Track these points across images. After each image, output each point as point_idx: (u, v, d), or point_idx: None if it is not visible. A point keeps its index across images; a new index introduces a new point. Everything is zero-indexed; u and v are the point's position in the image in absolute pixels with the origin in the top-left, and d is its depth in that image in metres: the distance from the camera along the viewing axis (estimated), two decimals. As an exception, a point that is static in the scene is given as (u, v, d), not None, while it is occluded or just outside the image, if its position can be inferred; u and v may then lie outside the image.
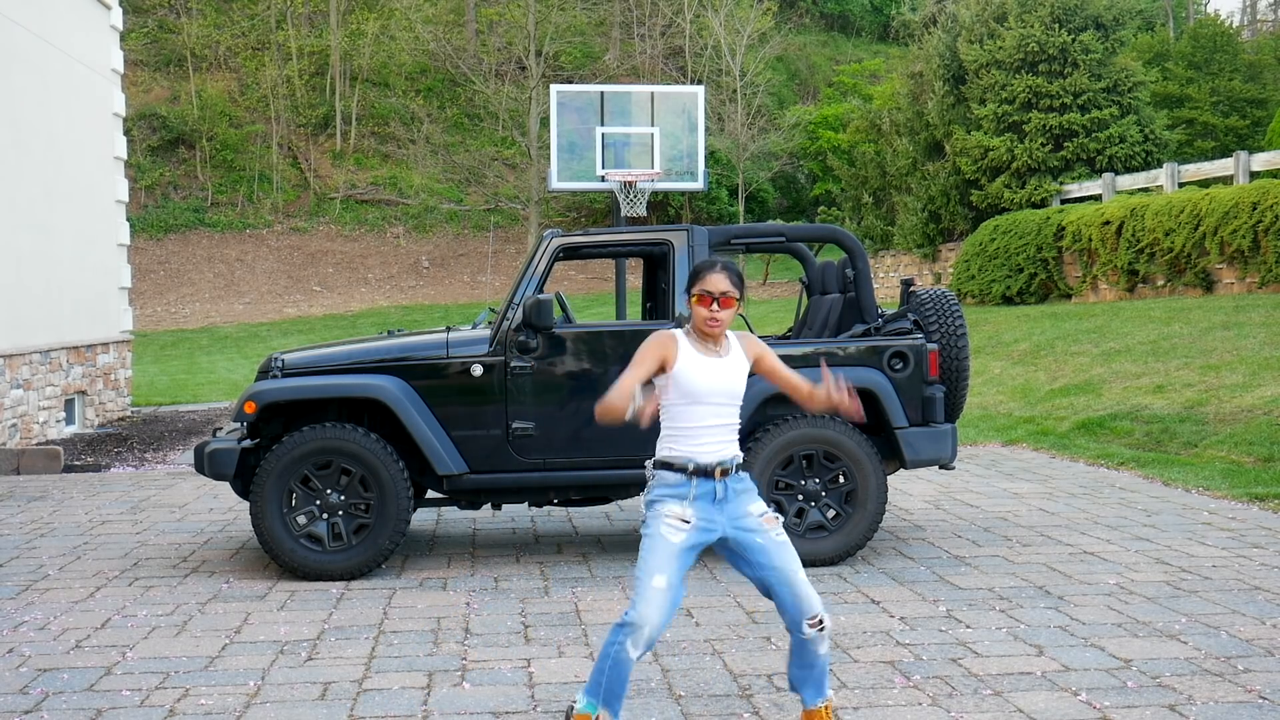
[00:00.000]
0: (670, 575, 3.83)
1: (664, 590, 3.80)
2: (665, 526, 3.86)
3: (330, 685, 4.81)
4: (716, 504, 3.91)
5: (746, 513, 3.94)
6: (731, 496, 3.93)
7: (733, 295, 3.88)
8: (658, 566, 3.82)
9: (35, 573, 6.87)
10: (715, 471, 3.89)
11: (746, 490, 3.98)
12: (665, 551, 3.84)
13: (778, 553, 3.93)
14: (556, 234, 6.98)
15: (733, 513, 3.93)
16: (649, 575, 3.81)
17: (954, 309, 7.16)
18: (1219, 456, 10.10)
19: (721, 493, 3.91)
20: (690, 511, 3.88)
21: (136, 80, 40.25)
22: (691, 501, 3.89)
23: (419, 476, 6.93)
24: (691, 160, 13.66)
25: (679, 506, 3.89)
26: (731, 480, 3.93)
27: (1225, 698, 4.50)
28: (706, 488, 3.89)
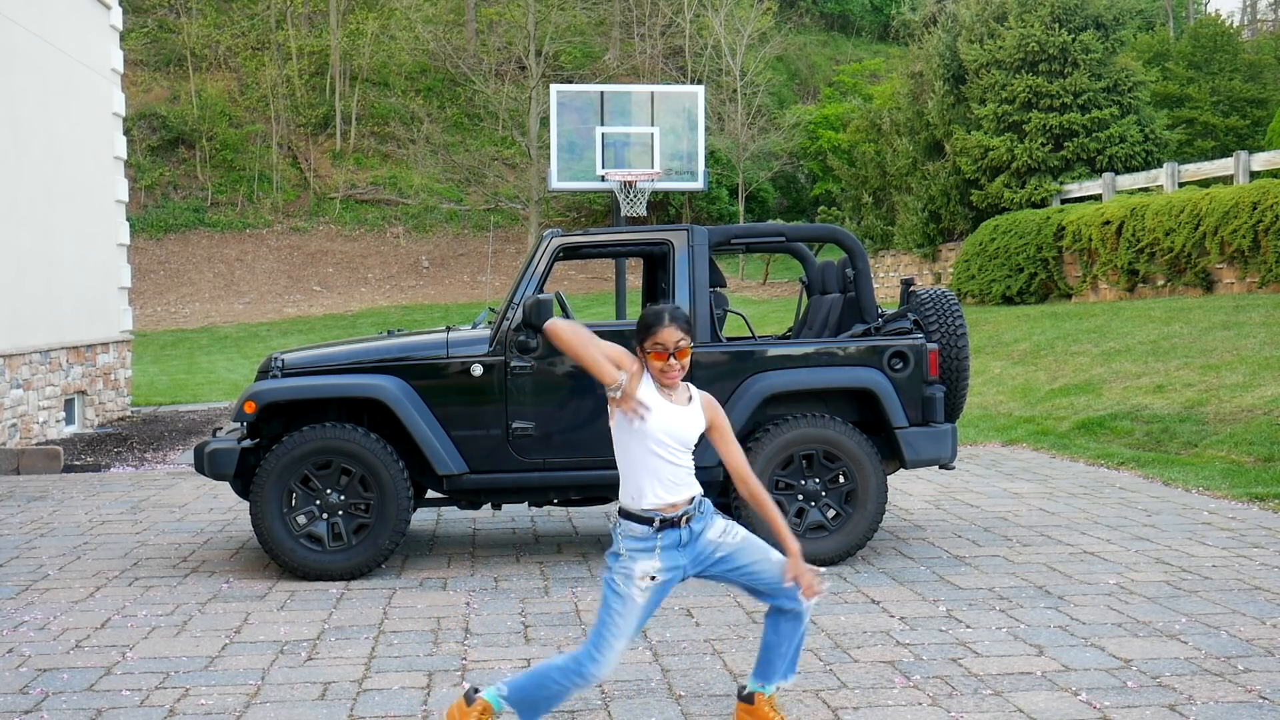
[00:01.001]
0: (632, 635, 3.90)
1: (624, 650, 3.89)
2: (636, 590, 3.88)
3: (330, 685, 4.81)
4: (681, 548, 3.94)
5: (707, 541, 3.97)
6: (696, 536, 3.96)
7: (686, 346, 3.89)
8: (627, 631, 3.87)
9: (35, 573, 6.87)
10: (680, 520, 3.91)
11: (707, 525, 3.99)
12: (634, 615, 3.88)
13: (743, 551, 3.99)
14: (556, 234, 6.98)
15: (694, 553, 3.96)
16: (616, 637, 3.85)
17: (954, 309, 7.16)
18: (1219, 456, 10.10)
19: (686, 537, 3.94)
20: (658, 565, 3.90)
21: (136, 80, 40.26)
22: (658, 553, 3.90)
23: (419, 476, 6.93)
24: (691, 160, 13.66)
25: (648, 562, 3.89)
26: (694, 521, 3.95)
27: (1225, 698, 4.50)
28: (672, 537, 3.91)
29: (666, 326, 3.87)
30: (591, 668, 3.84)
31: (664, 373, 3.89)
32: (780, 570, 3.97)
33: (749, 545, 4.01)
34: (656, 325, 3.88)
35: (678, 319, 3.89)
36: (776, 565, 3.99)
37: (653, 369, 3.91)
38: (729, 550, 3.98)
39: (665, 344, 3.86)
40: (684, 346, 3.88)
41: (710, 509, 4.04)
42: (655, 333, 3.87)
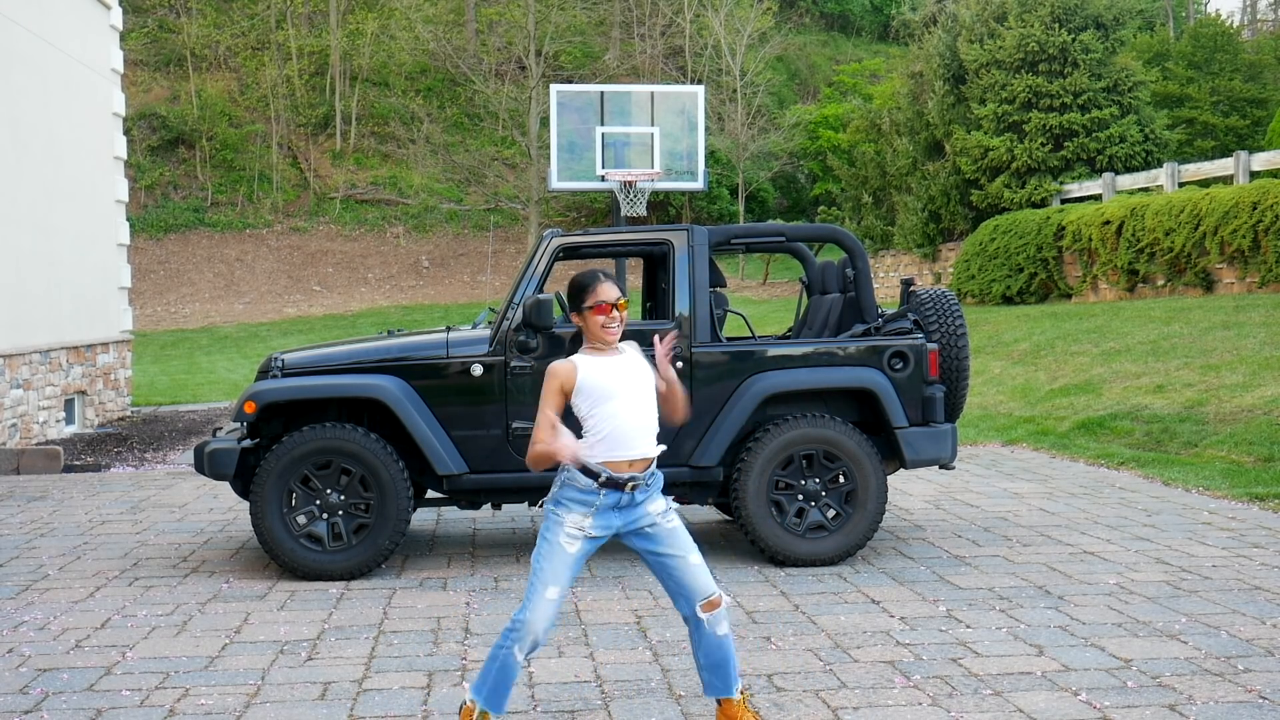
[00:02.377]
0: (563, 586, 3.97)
1: (555, 600, 3.95)
2: (565, 536, 3.98)
3: (330, 685, 4.81)
4: (618, 510, 4.01)
5: (645, 513, 4.04)
6: (635, 503, 4.02)
7: (625, 299, 4.06)
8: (553, 578, 3.95)
9: (35, 573, 6.87)
10: (625, 485, 3.98)
11: (651, 495, 4.06)
12: (562, 562, 3.96)
13: (668, 539, 4.03)
14: (556, 234, 6.98)
15: (630, 516, 4.03)
16: (543, 585, 3.94)
17: (954, 309, 7.16)
18: (1219, 456, 10.10)
19: (626, 501, 4.01)
20: (590, 522, 3.99)
21: (136, 80, 40.26)
22: (595, 512, 3.98)
23: (419, 476, 6.92)
24: (691, 160, 13.67)
25: (581, 516, 3.98)
26: (639, 491, 4.01)
27: (1225, 698, 4.50)
28: (611, 499, 3.99)
29: (604, 283, 4.03)
30: (519, 616, 3.92)
31: (606, 327, 4.02)
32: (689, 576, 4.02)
33: (675, 536, 4.05)
34: (594, 283, 4.04)
35: (609, 276, 4.07)
36: (691, 569, 4.02)
37: (593, 327, 4.03)
38: (657, 532, 4.04)
39: (608, 298, 4.01)
40: (624, 300, 4.04)
41: (659, 483, 4.10)
42: (595, 290, 4.02)
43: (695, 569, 4.03)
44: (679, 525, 4.08)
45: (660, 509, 4.06)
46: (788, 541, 6.70)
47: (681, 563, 4.02)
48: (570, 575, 3.99)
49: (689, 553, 4.04)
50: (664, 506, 4.08)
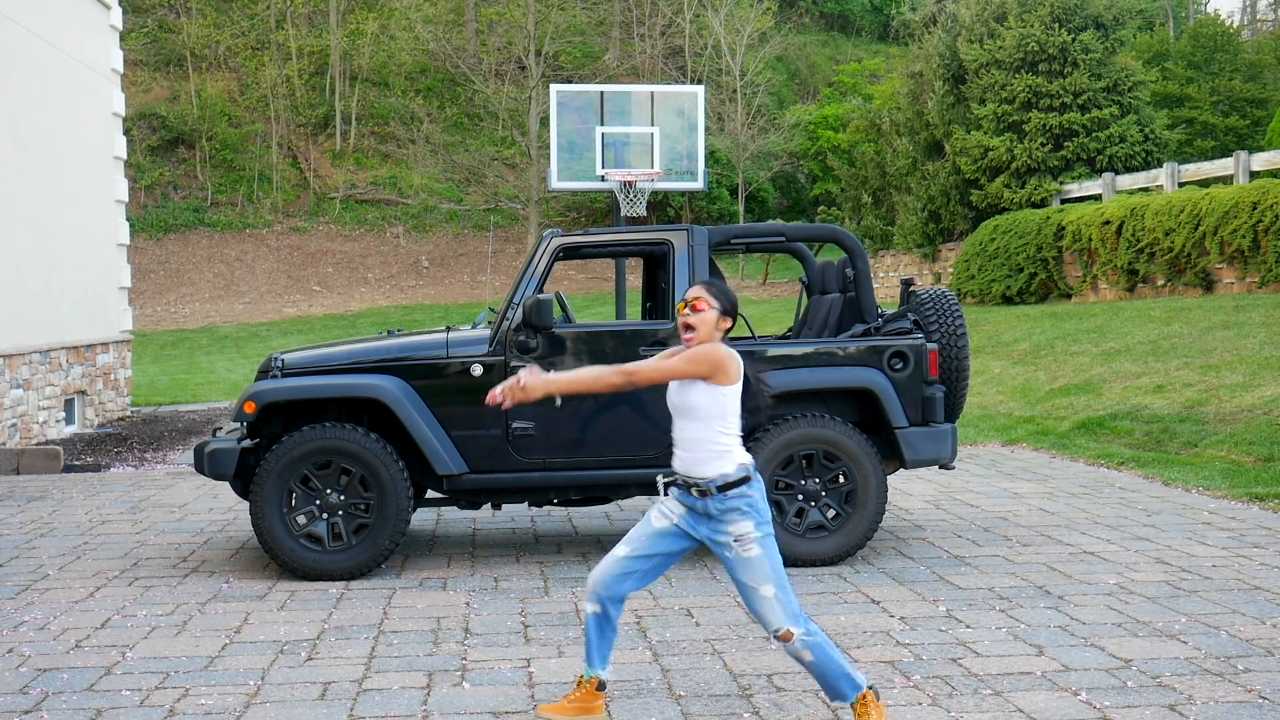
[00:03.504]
0: (634, 547, 4.19)
1: (619, 558, 4.17)
2: (657, 511, 4.23)
3: (330, 685, 4.81)
4: (701, 518, 4.15)
5: (725, 532, 4.11)
6: (714, 515, 4.11)
7: (702, 302, 4.13)
8: (628, 539, 4.22)
9: (35, 573, 6.87)
10: (691, 489, 4.13)
11: (731, 511, 4.10)
12: (643, 529, 4.22)
13: (744, 568, 4.10)
14: (556, 234, 6.98)
15: (710, 528, 4.13)
16: (620, 544, 4.23)
17: (954, 309, 7.16)
18: (1219, 456, 10.10)
19: (702, 509, 4.12)
20: (680, 510, 4.18)
21: (136, 80, 40.25)
22: (679, 499, 4.19)
23: (419, 476, 6.92)
24: (691, 160, 13.66)
25: (674, 503, 4.21)
26: (714, 501, 4.09)
27: (1225, 698, 4.50)
28: (689, 500, 4.15)
29: (695, 286, 4.21)
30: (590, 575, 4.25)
31: (684, 326, 4.15)
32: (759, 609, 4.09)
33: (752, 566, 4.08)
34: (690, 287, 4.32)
35: (710, 285, 4.20)
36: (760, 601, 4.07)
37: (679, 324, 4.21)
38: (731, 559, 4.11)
39: (686, 297, 4.16)
40: (699, 301, 4.13)
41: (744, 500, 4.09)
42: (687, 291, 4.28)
43: (767, 601, 4.05)
44: (759, 555, 4.07)
45: (739, 532, 4.08)
46: (788, 541, 6.68)
47: (754, 594, 4.08)
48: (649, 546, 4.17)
49: (763, 585, 4.05)
50: (745, 530, 4.07)
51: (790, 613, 4.05)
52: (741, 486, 4.08)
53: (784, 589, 4.06)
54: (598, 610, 4.18)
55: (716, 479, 4.07)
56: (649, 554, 4.18)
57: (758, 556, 4.07)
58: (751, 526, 4.08)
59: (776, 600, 4.05)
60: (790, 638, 4.04)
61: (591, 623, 4.20)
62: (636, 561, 4.17)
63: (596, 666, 4.21)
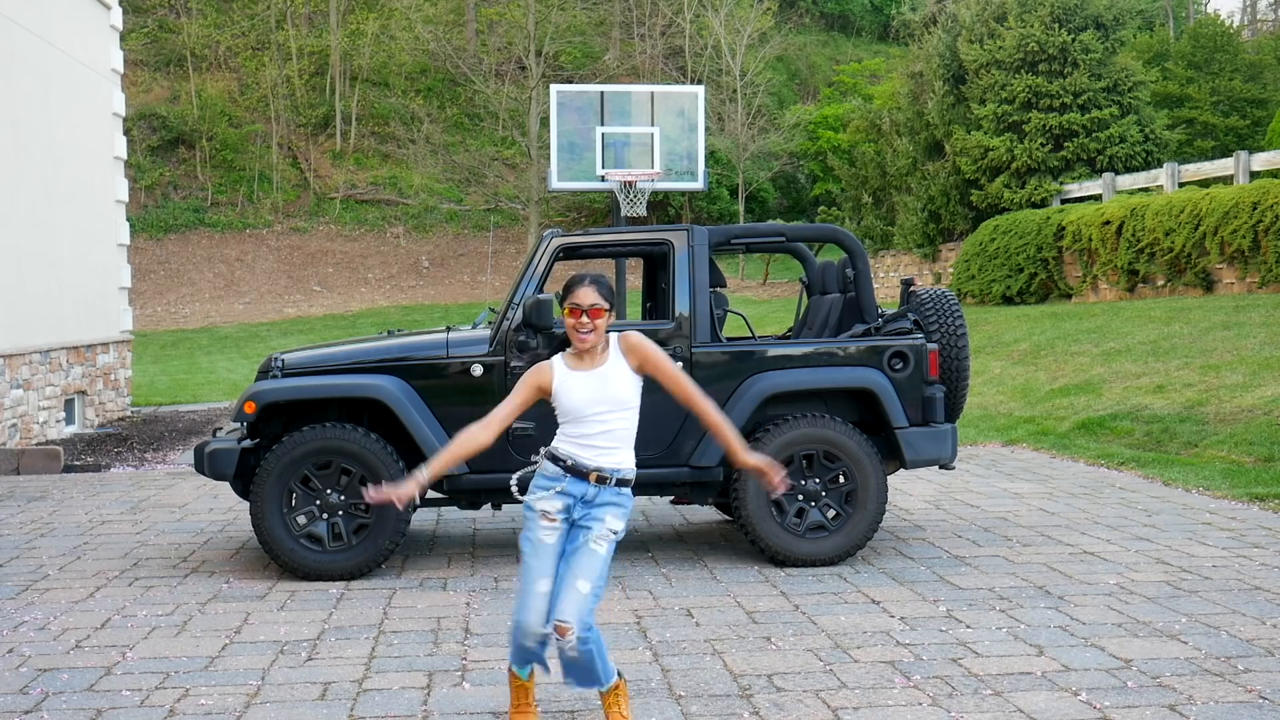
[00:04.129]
0: (551, 576, 4.06)
1: (546, 594, 4.05)
2: (540, 531, 4.09)
3: (330, 685, 4.80)
4: (582, 502, 4.08)
5: (597, 519, 4.07)
6: (595, 503, 4.07)
7: (601, 307, 4.04)
8: (540, 570, 4.07)
9: (35, 573, 6.87)
10: (590, 475, 4.05)
11: (614, 504, 4.09)
12: (545, 554, 4.08)
13: (577, 555, 4.05)
14: (556, 234, 6.98)
15: (585, 511, 4.09)
16: (532, 582, 4.06)
17: (954, 309, 7.16)
18: (1219, 456, 10.10)
19: (591, 495, 4.07)
20: (559, 505, 4.08)
21: (136, 80, 40.25)
22: (558, 495, 4.08)
23: (419, 476, 6.91)
24: (691, 160, 13.66)
25: (549, 500, 4.09)
26: (605, 489, 4.06)
27: (1225, 698, 4.50)
28: (577, 487, 4.07)
29: (585, 286, 4.06)
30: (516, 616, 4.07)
31: (576, 331, 4.04)
32: (560, 595, 4.02)
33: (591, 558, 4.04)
34: (576, 286, 4.08)
35: (598, 283, 4.08)
36: (567, 589, 4.01)
37: (568, 328, 4.07)
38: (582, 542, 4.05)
39: (580, 302, 4.03)
40: (599, 308, 4.03)
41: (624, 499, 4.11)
42: (573, 292, 4.06)
43: (571, 592, 3.99)
44: (596, 552, 4.04)
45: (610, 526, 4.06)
46: (788, 541, 6.70)
47: (571, 580, 4.01)
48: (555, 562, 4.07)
49: (580, 578, 4.01)
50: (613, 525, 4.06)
51: (587, 617, 4.00)
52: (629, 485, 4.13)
53: (598, 595, 4.05)
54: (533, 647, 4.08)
55: (623, 471, 4.09)
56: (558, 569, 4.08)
57: (603, 554, 4.07)
58: (620, 526, 4.10)
59: (587, 598, 4.02)
60: (566, 633, 3.97)
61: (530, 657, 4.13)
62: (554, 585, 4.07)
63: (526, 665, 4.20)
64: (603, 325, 4.05)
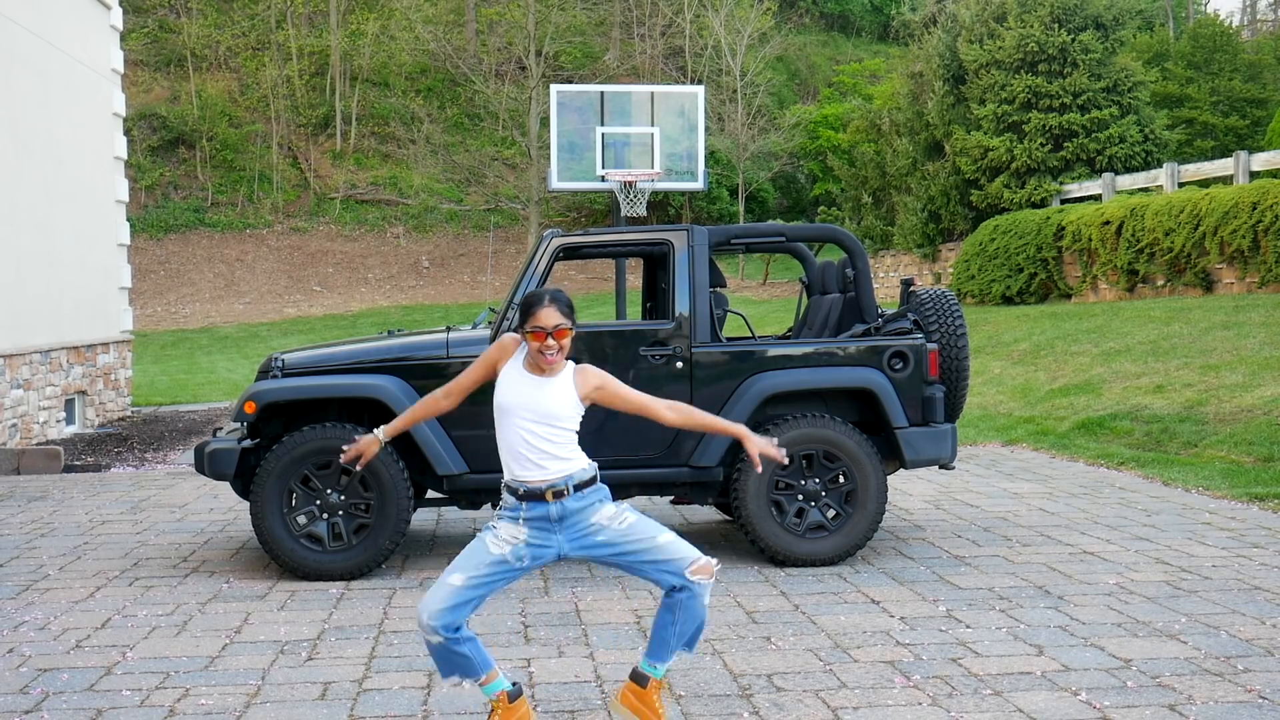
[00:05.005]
0: (468, 576, 3.92)
1: (456, 588, 3.90)
2: (492, 537, 3.99)
3: (330, 685, 4.81)
4: (552, 525, 3.97)
5: (590, 524, 3.98)
6: (570, 514, 3.97)
7: (565, 327, 3.96)
8: (460, 566, 3.95)
9: (35, 573, 6.87)
10: (545, 494, 3.95)
11: (591, 505, 4.00)
12: (476, 557, 3.96)
13: (627, 535, 3.97)
14: (556, 234, 6.98)
15: (572, 532, 3.98)
16: (449, 572, 3.95)
17: (954, 309, 7.16)
18: (1219, 456, 10.10)
19: (557, 514, 3.96)
20: (525, 533, 3.98)
21: (136, 80, 40.25)
22: (523, 524, 3.98)
23: (419, 476, 6.92)
24: (691, 160, 13.66)
25: (512, 526, 3.99)
26: (570, 500, 3.96)
27: (1225, 698, 4.50)
28: (539, 510, 3.96)
29: (546, 307, 3.96)
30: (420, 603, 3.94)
31: (542, 354, 3.96)
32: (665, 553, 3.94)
33: (635, 529, 3.98)
34: (537, 306, 3.98)
35: (559, 301, 3.99)
36: (663, 546, 3.95)
37: (532, 350, 3.99)
38: (612, 535, 3.98)
39: (544, 325, 3.94)
40: (563, 328, 3.95)
41: (600, 493, 4.03)
42: (535, 314, 3.96)
43: (669, 544, 3.95)
44: (638, 519, 4.01)
45: (609, 515, 4.00)
46: (788, 541, 6.70)
47: (651, 544, 3.95)
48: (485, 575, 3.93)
49: (657, 534, 3.97)
50: (614, 512, 4.01)
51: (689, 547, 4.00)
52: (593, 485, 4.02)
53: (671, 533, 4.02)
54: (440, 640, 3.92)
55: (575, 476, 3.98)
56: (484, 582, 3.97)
57: (637, 519, 4.01)
58: (616, 509, 4.02)
59: (677, 540, 3.97)
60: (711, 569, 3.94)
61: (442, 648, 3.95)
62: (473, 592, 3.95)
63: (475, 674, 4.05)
64: (567, 344, 3.98)
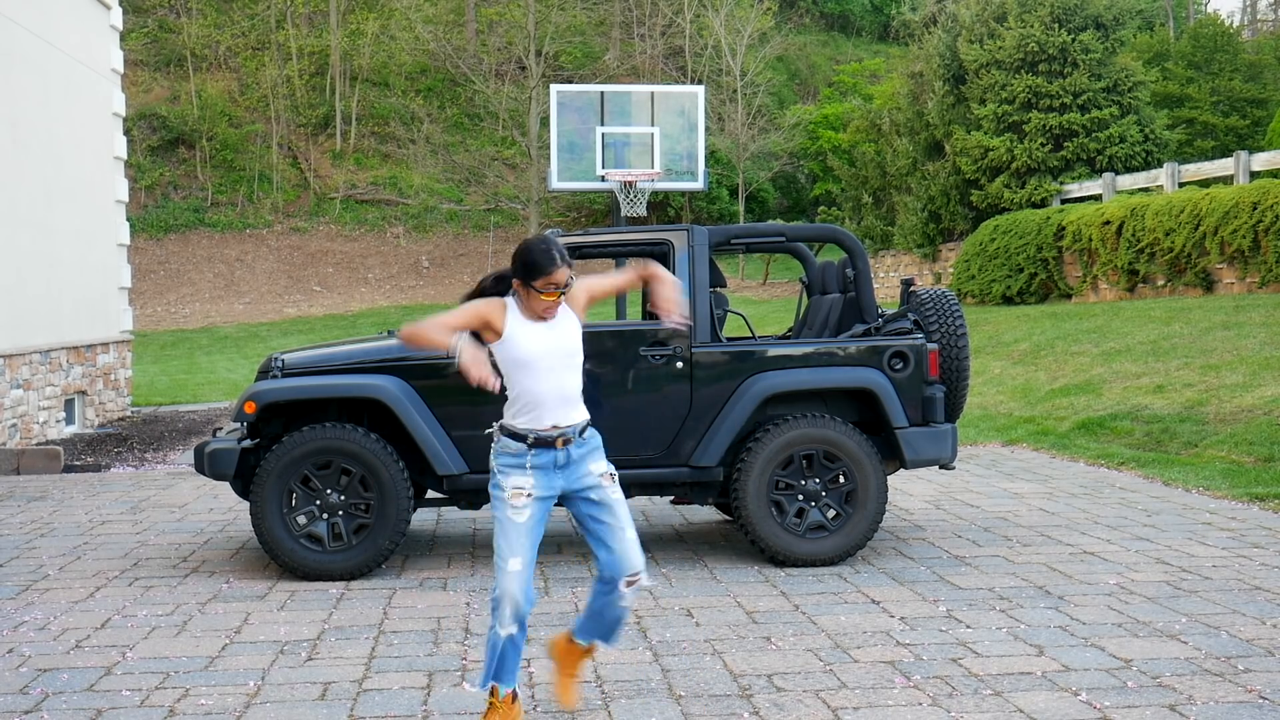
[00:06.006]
0: (524, 554, 4.04)
1: (521, 570, 4.02)
2: (510, 510, 4.05)
3: (330, 685, 4.81)
4: (557, 470, 4.10)
5: (587, 471, 4.12)
6: (574, 460, 4.10)
7: (573, 281, 4.07)
8: (510, 550, 4.03)
9: (35, 573, 6.87)
10: (556, 441, 4.07)
11: (590, 451, 4.15)
12: (515, 533, 4.05)
13: (609, 508, 4.12)
14: (557, 234, 6.98)
15: (571, 474, 4.11)
16: (504, 560, 4.03)
17: (954, 309, 7.16)
18: (1219, 456, 10.10)
19: (563, 460, 4.09)
20: (530, 481, 4.07)
21: (136, 80, 40.25)
22: (529, 470, 4.07)
23: (419, 476, 6.92)
24: (691, 160, 13.67)
25: (519, 477, 4.07)
26: (574, 446, 4.10)
27: (1225, 698, 4.50)
28: (546, 457, 4.07)
29: (559, 267, 4.01)
30: (493, 593, 4.04)
31: (549, 310, 4.04)
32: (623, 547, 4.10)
33: (618, 508, 4.14)
34: (549, 265, 4.01)
35: (565, 258, 4.04)
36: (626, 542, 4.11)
37: (539, 305, 4.03)
38: (602, 498, 4.12)
39: (558, 282, 4.01)
40: (571, 283, 4.07)
41: (598, 443, 4.18)
42: (550, 273, 4.00)
43: (630, 543, 4.13)
44: (621, 498, 4.16)
45: (602, 469, 4.14)
46: (788, 541, 6.70)
47: (620, 535, 4.12)
48: (530, 543, 4.06)
49: (627, 526, 4.14)
50: (605, 468, 4.16)
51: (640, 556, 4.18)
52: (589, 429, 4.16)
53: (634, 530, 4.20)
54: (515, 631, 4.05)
55: (582, 422, 4.12)
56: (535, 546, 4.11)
57: (621, 496, 4.16)
58: (609, 466, 4.17)
59: (636, 541, 4.17)
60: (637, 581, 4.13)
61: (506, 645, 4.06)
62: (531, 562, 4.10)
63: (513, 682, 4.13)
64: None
